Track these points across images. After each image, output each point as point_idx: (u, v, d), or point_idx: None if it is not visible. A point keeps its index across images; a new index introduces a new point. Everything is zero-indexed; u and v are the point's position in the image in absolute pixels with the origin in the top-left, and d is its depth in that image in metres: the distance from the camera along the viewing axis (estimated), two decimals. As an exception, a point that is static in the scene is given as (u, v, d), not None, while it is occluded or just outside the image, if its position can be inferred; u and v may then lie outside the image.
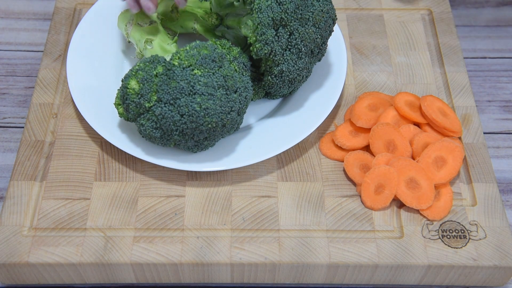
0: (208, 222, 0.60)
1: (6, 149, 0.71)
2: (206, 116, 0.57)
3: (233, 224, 0.60)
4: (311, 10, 0.62)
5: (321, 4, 0.62)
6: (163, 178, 0.63)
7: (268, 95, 0.67)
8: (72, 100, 0.69)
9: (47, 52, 0.73)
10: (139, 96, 0.58)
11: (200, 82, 0.57)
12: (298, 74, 0.63)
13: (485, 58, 0.82)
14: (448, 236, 0.60)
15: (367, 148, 0.66)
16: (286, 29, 0.60)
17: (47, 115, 0.68)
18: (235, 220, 0.61)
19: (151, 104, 0.57)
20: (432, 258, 0.59)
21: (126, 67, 0.71)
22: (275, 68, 0.61)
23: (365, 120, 0.66)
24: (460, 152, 0.63)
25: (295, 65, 0.62)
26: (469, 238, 0.60)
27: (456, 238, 0.60)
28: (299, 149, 0.66)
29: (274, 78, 0.62)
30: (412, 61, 0.74)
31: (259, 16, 0.58)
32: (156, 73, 0.58)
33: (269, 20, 0.58)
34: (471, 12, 0.87)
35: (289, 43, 0.61)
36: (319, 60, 0.67)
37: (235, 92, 0.59)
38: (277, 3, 0.59)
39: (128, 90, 0.58)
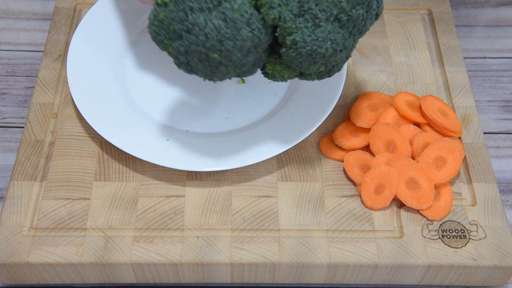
0: (208, 222, 0.60)
1: (6, 149, 0.71)
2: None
3: (233, 224, 0.60)
4: None
5: None
6: (163, 178, 0.63)
7: (302, 76, 0.58)
8: (72, 100, 0.69)
9: (47, 52, 0.73)
10: None
11: None
12: (319, 46, 0.53)
13: (485, 58, 0.82)
14: (448, 236, 0.60)
15: (367, 148, 0.66)
16: None
17: (47, 115, 0.68)
18: (235, 220, 0.61)
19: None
20: (432, 258, 0.59)
21: (126, 67, 0.71)
22: (288, 37, 0.53)
23: (365, 120, 0.66)
24: (460, 152, 0.63)
25: (312, 35, 0.53)
26: (469, 238, 0.60)
27: (456, 238, 0.60)
28: (299, 149, 0.66)
29: (289, 50, 0.54)
30: (412, 61, 0.74)
31: None
32: None
33: None
34: (471, 12, 0.87)
35: (301, 8, 0.53)
36: (361, 33, 0.56)
37: None
38: None
39: None
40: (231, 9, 0.52)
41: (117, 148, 0.65)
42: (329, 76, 0.58)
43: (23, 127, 0.72)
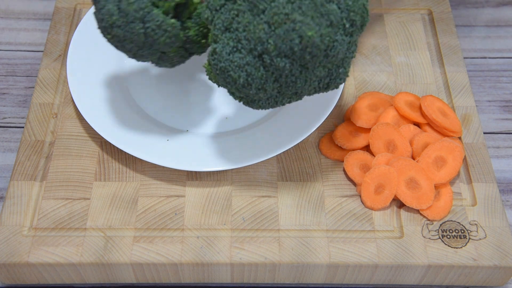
0: (208, 222, 0.60)
1: (6, 149, 0.71)
2: (114, 27, 0.55)
3: (233, 224, 0.60)
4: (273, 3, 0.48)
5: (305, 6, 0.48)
6: (163, 178, 0.63)
7: (228, 91, 0.56)
8: (72, 100, 0.69)
9: (47, 52, 0.73)
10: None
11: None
12: (232, 69, 0.51)
13: (485, 58, 0.82)
14: (448, 236, 0.60)
15: (367, 148, 0.66)
16: (234, 6, 0.50)
17: (47, 115, 0.68)
18: (235, 220, 0.61)
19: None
20: (432, 258, 0.59)
21: (126, 67, 0.71)
22: (213, 44, 0.52)
23: (365, 120, 0.66)
24: (460, 152, 0.63)
25: (230, 55, 0.51)
26: (469, 238, 0.60)
27: (456, 238, 0.60)
28: (299, 149, 0.66)
29: (211, 56, 0.53)
30: (412, 61, 0.74)
31: None
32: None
33: None
34: (471, 12, 0.87)
35: (231, 24, 0.50)
36: (289, 88, 0.52)
37: None
38: None
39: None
40: (127, 1, 0.54)
41: (117, 148, 0.65)
42: (251, 107, 0.55)
43: (23, 127, 0.72)
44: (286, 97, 0.54)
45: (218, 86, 0.56)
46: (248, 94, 0.53)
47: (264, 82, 0.51)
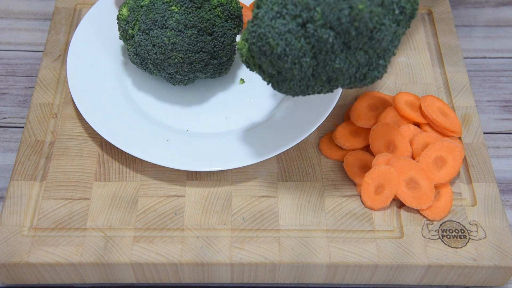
0: (208, 222, 0.60)
1: (6, 149, 0.71)
2: (173, 50, 0.61)
3: (233, 224, 0.60)
4: None
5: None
6: (163, 178, 0.63)
7: (261, 70, 0.55)
8: (72, 100, 0.69)
9: (47, 52, 0.73)
10: (126, 22, 0.64)
11: (173, 18, 0.61)
12: (272, 36, 0.49)
13: (485, 58, 0.82)
14: (448, 236, 0.60)
15: (367, 148, 0.66)
16: None
17: (47, 115, 0.68)
18: (235, 220, 0.61)
19: (134, 32, 0.63)
20: (432, 258, 0.59)
21: (127, 67, 0.71)
22: (255, 10, 0.52)
23: (365, 120, 0.66)
24: (460, 152, 0.63)
25: (272, 21, 0.50)
26: (469, 238, 0.60)
27: (456, 238, 0.60)
28: (299, 149, 0.66)
29: (249, 24, 0.52)
30: (412, 61, 0.74)
31: None
32: (143, 4, 0.63)
33: None
34: (471, 12, 0.87)
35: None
36: (326, 68, 0.50)
37: (210, 35, 0.62)
38: None
39: (119, 15, 0.65)
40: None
41: (117, 148, 0.65)
42: (280, 90, 0.53)
43: (23, 127, 0.72)
44: (319, 82, 0.52)
45: (248, 67, 0.54)
46: (282, 68, 0.50)
47: (302, 56, 0.48)
